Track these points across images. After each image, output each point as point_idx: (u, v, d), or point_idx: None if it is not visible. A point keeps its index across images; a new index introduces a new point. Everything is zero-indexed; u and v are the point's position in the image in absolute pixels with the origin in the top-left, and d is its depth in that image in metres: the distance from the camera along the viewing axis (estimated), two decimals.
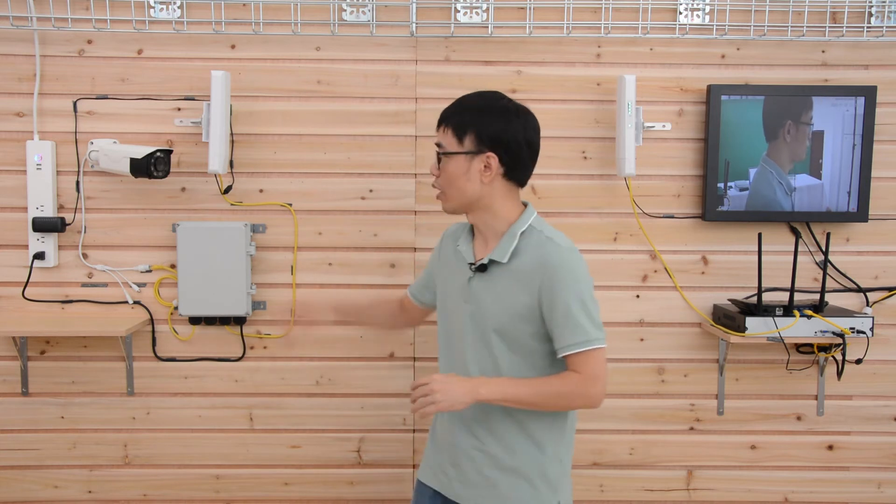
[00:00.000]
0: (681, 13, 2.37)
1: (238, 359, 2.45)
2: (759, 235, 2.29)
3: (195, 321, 2.43)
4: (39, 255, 2.36)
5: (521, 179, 1.77)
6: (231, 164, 2.38)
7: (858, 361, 2.35)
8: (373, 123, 2.40)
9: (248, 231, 2.37)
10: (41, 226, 2.34)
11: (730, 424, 2.50)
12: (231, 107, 2.33)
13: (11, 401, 2.44)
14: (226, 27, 2.35)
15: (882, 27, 2.37)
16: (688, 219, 2.45)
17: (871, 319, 2.26)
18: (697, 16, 2.37)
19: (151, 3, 2.34)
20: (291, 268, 2.43)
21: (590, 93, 2.41)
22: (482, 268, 1.74)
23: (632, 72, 2.37)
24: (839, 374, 2.37)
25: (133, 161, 2.23)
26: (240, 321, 2.43)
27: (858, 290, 2.46)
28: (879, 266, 2.47)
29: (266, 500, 2.50)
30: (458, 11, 2.35)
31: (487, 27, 2.36)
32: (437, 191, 1.79)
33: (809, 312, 2.26)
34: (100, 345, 2.43)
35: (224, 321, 2.43)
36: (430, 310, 2.04)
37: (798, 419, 2.51)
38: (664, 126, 2.41)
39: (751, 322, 2.25)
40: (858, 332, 2.25)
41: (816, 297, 2.35)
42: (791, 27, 2.37)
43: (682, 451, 2.51)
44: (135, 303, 2.42)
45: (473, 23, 2.36)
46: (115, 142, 2.37)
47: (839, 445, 2.52)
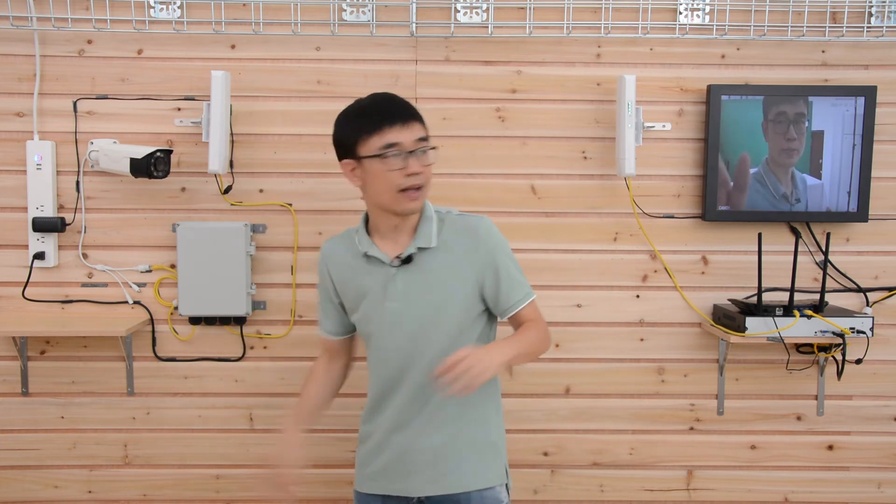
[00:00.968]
0: (681, 13, 2.37)
1: (238, 359, 2.45)
2: (759, 235, 2.29)
3: (195, 321, 2.43)
4: (39, 255, 2.36)
5: None
6: (231, 164, 2.38)
7: (858, 361, 2.35)
8: None
9: (248, 231, 2.37)
10: (41, 226, 2.34)
11: (730, 424, 2.50)
12: (231, 107, 2.33)
13: (11, 401, 2.44)
14: (226, 27, 2.35)
15: (882, 27, 2.37)
16: (688, 219, 2.45)
17: (871, 319, 2.26)
18: (697, 16, 2.37)
19: (151, 3, 2.34)
20: (291, 268, 2.42)
21: (590, 93, 2.41)
22: (408, 259, 1.75)
23: (632, 72, 2.37)
24: (839, 374, 2.37)
25: (133, 161, 2.23)
26: (240, 321, 2.43)
27: (858, 290, 2.46)
28: (879, 266, 2.47)
29: (266, 500, 2.49)
30: (458, 11, 2.35)
31: (487, 27, 2.36)
32: (418, 192, 1.71)
33: (809, 312, 2.26)
34: (100, 345, 2.43)
35: (224, 321, 2.43)
36: (353, 334, 1.95)
37: (798, 419, 2.50)
38: (664, 126, 2.41)
39: (751, 322, 2.25)
40: (858, 332, 2.25)
41: (816, 297, 2.35)
42: (791, 27, 2.36)
43: (682, 451, 2.51)
44: (135, 303, 2.42)
45: (473, 23, 2.36)
46: (115, 142, 2.36)
47: (839, 445, 2.52)
